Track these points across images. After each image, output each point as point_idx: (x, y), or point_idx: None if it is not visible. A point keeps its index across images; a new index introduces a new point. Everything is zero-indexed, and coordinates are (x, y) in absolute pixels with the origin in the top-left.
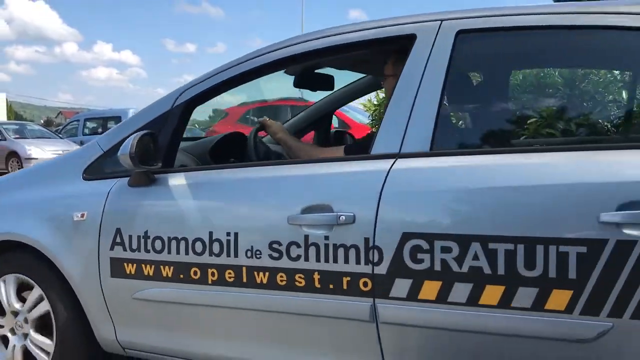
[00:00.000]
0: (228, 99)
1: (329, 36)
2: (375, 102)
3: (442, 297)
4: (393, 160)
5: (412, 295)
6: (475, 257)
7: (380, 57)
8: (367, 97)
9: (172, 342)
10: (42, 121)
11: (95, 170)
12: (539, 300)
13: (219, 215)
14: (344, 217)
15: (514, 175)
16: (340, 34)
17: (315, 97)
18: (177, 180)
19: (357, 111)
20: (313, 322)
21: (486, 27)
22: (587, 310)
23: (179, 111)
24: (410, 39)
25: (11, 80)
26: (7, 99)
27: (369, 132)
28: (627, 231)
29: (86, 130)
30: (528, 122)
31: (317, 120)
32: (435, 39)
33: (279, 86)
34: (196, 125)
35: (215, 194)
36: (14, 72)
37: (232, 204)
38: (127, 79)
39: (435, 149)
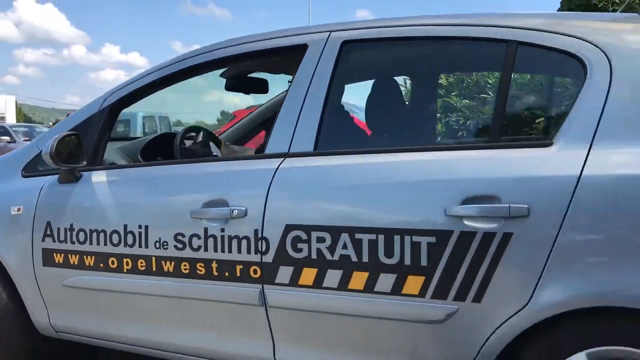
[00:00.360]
0: (235, 102)
1: (240, 44)
2: None
3: (318, 283)
4: (282, 159)
5: (294, 281)
6: (344, 247)
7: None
8: None
9: (95, 325)
10: (50, 123)
11: (32, 168)
12: (397, 285)
13: (132, 210)
14: (236, 211)
15: (378, 173)
16: (249, 42)
17: None
18: (98, 178)
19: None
20: (213, 307)
21: (366, 38)
22: (437, 294)
23: (104, 114)
24: (303, 48)
25: (20, 83)
26: (16, 102)
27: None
28: (468, 223)
29: None
30: (398, 124)
31: (266, 121)
32: (323, 48)
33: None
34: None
35: (129, 190)
36: (23, 74)
37: (143, 199)
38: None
39: (319, 150)
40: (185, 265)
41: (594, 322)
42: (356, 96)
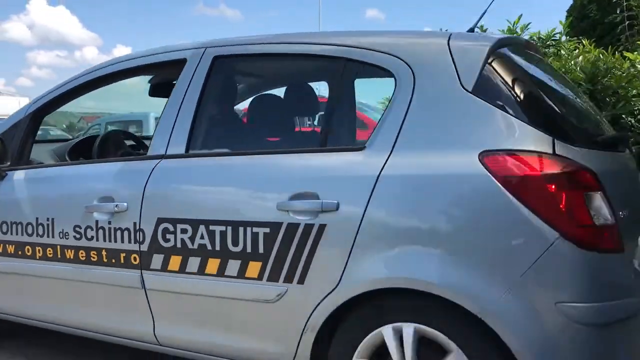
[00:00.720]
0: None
1: (134, 59)
2: None
3: (182, 268)
4: (159, 160)
5: (164, 267)
6: (202, 237)
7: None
8: (386, 95)
9: (17, 305)
10: (64, 126)
11: None
12: (242, 270)
13: (42, 204)
14: (119, 207)
15: (226, 173)
16: (142, 57)
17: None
18: (19, 176)
19: (376, 110)
20: (105, 290)
21: (233, 53)
22: (270, 277)
23: (28, 119)
24: (183, 62)
25: (34, 85)
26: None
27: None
28: (293, 216)
29: None
30: (254, 130)
31: None
32: (198, 62)
33: None
34: None
35: (41, 187)
36: (36, 77)
37: (51, 195)
38: (147, 83)
39: (189, 152)
40: (82, 253)
41: (390, 301)
42: (368, 96)
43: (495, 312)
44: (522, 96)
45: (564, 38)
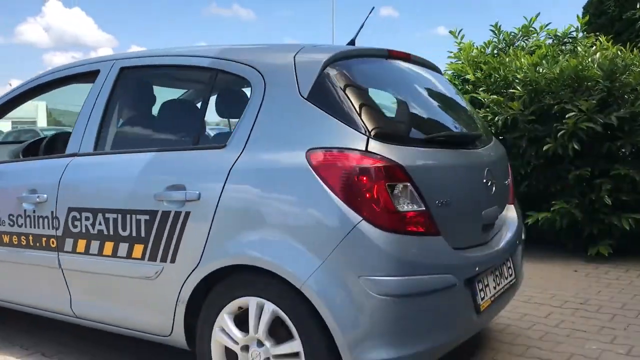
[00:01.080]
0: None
1: (61, 70)
2: None
3: (86, 250)
4: (72, 158)
5: (74, 250)
6: (100, 223)
7: None
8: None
9: None
10: None
11: None
12: (129, 251)
13: None
14: (40, 198)
15: (117, 168)
16: (67, 68)
17: None
18: None
19: (389, 109)
20: (34, 270)
21: (134, 65)
22: (150, 257)
23: None
24: (97, 72)
25: None
26: (47, 106)
27: None
28: (167, 205)
29: None
30: (140, 131)
31: None
32: (108, 72)
33: None
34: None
35: None
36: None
37: None
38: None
39: (96, 151)
40: (15, 238)
41: (239, 276)
42: (386, 97)
43: (310, 284)
44: (347, 101)
45: (580, 35)
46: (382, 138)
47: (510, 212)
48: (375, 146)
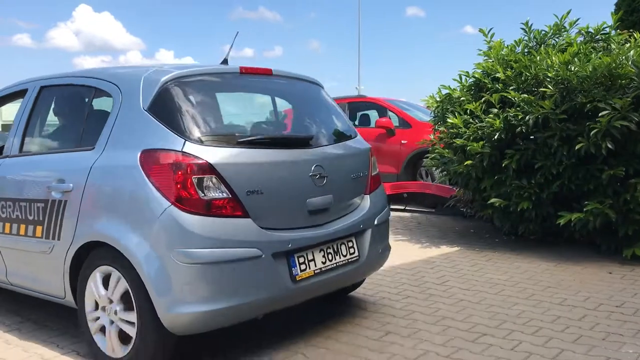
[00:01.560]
0: (283, 103)
1: (9, 87)
2: (438, 99)
3: (9, 231)
4: (4, 159)
5: (3, 231)
6: (15, 210)
7: None
8: (429, 93)
9: None
10: None
11: None
12: (34, 231)
13: None
14: None
15: (18, 167)
16: (11, 86)
17: (375, 94)
18: None
19: (418, 109)
20: None
21: (47, 85)
22: (46, 236)
23: None
24: (25, 91)
25: None
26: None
27: (431, 129)
28: (54, 194)
29: None
30: (46, 137)
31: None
32: (32, 91)
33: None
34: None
35: None
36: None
37: None
38: None
39: (20, 153)
40: None
41: (99, 250)
42: (408, 95)
43: (134, 254)
44: (174, 113)
45: (613, 32)
46: (197, 141)
47: (364, 201)
48: (190, 147)
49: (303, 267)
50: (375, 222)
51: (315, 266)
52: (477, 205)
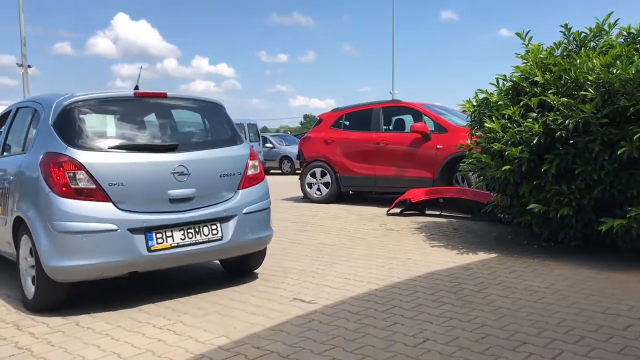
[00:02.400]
0: (320, 106)
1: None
2: (475, 103)
3: None
4: None
5: None
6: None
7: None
8: (463, 97)
9: None
10: None
11: None
12: (2, 210)
13: None
14: None
15: (3, 163)
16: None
17: (408, 98)
18: None
19: (454, 113)
20: None
21: (19, 107)
22: (3, 213)
23: None
24: (10, 111)
25: None
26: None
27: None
28: (6, 184)
29: None
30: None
31: None
32: (13, 111)
33: (369, 93)
34: (289, 131)
35: None
36: (120, 88)
37: None
38: (223, 91)
39: (2, 155)
40: None
41: (23, 222)
42: (445, 100)
43: (32, 225)
44: (66, 127)
45: None
46: (76, 147)
47: (235, 195)
48: (69, 151)
49: (160, 241)
50: (244, 212)
51: (173, 241)
52: (515, 211)
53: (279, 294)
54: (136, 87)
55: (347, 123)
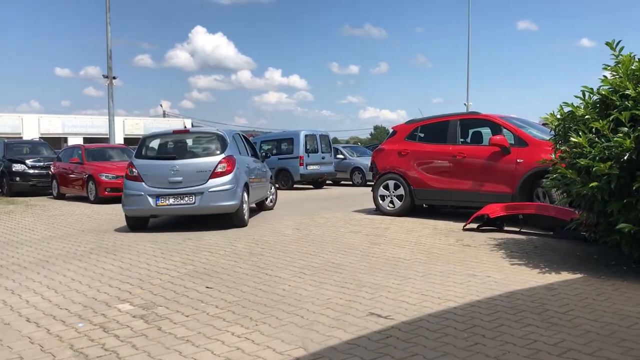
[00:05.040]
0: (391, 118)
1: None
2: (559, 116)
3: None
4: None
5: None
6: None
7: None
8: (549, 110)
9: None
10: None
11: None
12: None
13: None
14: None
15: None
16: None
17: (482, 109)
18: None
19: (533, 126)
20: None
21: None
22: None
23: None
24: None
25: (194, 107)
26: (192, 124)
27: (551, 147)
28: None
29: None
30: None
31: None
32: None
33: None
34: (359, 142)
35: None
36: (197, 99)
37: None
38: (295, 102)
39: None
40: None
41: None
42: (519, 113)
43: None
44: (140, 149)
45: None
46: (137, 157)
47: (205, 182)
48: (134, 160)
49: (162, 201)
50: (209, 190)
51: (169, 202)
52: (602, 230)
53: (355, 308)
54: (184, 126)
55: (422, 135)
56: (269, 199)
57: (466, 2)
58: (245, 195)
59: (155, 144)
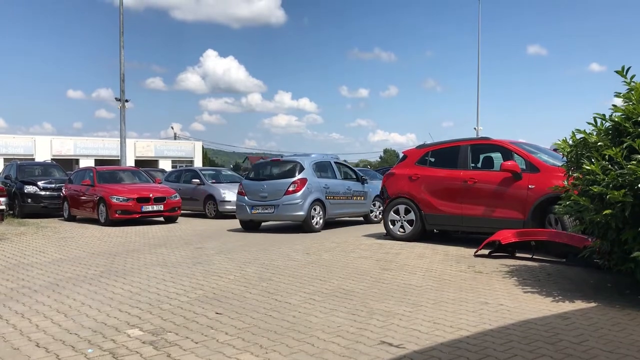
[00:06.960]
0: (400, 141)
1: None
2: (571, 143)
3: None
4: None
5: None
6: None
7: None
8: (561, 136)
9: None
10: (231, 166)
11: None
12: None
13: None
14: None
15: None
16: None
17: (491, 134)
18: None
19: (544, 152)
20: None
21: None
22: None
23: None
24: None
25: (205, 129)
26: (203, 147)
27: (563, 174)
28: None
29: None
30: None
31: None
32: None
33: (453, 131)
34: (369, 166)
35: None
36: (207, 122)
37: None
38: (304, 125)
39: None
40: None
41: None
42: (529, 138)
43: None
44: (250, 171)
45: None
46: (246, 178)
47: (283, 197)
48: (243, 181)
49: (255, 210)
50: (284, 203)
51: (259, 211)
52: (616, 258)
53: (366, 336)
54: (280, 156)
55: (432, 160)
56: (373, 214)
57: (476, 26)
58: (318, 208)
59: (256, 168)
